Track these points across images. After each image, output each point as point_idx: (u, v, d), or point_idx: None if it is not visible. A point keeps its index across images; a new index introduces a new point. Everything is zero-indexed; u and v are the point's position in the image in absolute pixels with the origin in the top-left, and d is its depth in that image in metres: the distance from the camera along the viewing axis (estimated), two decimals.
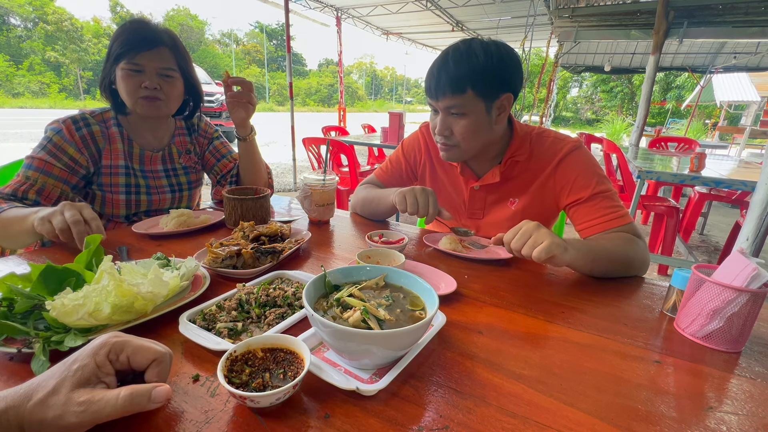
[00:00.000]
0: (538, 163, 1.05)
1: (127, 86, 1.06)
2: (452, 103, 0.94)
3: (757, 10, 4.85)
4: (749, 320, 0.60)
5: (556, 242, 0.75)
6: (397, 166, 1.27)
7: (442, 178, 1.20)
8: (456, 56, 0.91)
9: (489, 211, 1.14)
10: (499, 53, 0.91)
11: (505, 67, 0.91)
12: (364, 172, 3.78)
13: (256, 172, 1.29)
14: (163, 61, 1.08)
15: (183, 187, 1.28)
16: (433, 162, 1.21)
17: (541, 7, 6.55)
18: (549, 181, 1.04)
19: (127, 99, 1.08)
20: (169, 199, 1.25)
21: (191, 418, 0.43)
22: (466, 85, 0.91)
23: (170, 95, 1.12)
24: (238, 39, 50.41)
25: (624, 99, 25.82)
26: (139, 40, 1.04)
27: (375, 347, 0.47)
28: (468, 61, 0.90)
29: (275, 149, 8.91)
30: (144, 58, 1.05)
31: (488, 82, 0.91)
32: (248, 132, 1.23)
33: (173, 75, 1.12)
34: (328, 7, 8.25)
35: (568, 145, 1.02)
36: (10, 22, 26.58)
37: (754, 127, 10.16)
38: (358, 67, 64.93)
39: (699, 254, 3.43)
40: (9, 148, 6.82)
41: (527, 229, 0.78)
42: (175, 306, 0.63)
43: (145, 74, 1.07)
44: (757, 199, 1.73)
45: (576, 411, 0.47)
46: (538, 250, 0.74)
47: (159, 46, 1.07)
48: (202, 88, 1.26)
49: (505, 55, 0.91)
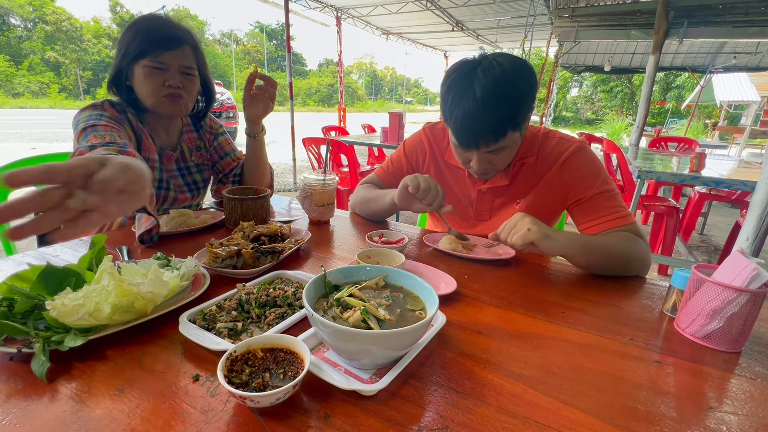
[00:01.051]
0: (544, 162, 1.05)
1: (151, 84, 1.05)
2: (492, 148, 0.92)
3: (757, 10, 4.85)
4: (749, 320, 0.60)
5: (536, 229, 0.79)
6: (398, 166, 1.25)
7: (448, 180, 1.18)
8: (488, 103, 0.84)
9: (496, 213, 1.14)
10: (522, 77, 0.86)
11: (531, 90, 0.88)
12: (364, 172, 3.78)
13: (260, 171, 1.28)
14: (186, 60, 1.08)
15: (199, 185, 1.28)
16: (438, 163, 1.19)
17: (541, 7, 6.54)
18: (554, 180, 1.04)
19: (149, 97, 1.06)
20: (189, 198, 1.25)
21: (191, 418, 0.43)
22: (506, 129, 0.88)
23: (191, 93, 1.12)
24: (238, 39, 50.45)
25: (624, 99, 25.83)
26: (163, 38, 1.03)
27: (375, 347, 0.47)
28: (501, 104, 0.85)
29: (275, 149, 8.91)
30: (168, 57, 1.04)
31: (522, 113, 0.88)
32: (259, 130, 1.21)
33: (194, 74, 1.12)
34: (328, 7, 8.24)
35: (574, 145, 1.03)
36: (10, 22, 26.57)
37: (754, 127, 10.17)
38: (358, 67, 64.93)
39: (699, 254, 3.43)
40: (9, 148, 6.82)
41: (514, 219, 0.83)
42: (175, 306, 0.62)
43: (168, 72, 1.06)
44: (757, 199, 1.73)
45: (576, 411, 0.47)
46: (517, 236, 0.79)
47: (183, 45, 1.06)
48: (215, 87, 1.26)
49: (527, 76, 0.87)
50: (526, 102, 0.88)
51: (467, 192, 1.16)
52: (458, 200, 1.17)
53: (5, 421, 0.42)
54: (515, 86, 0.86)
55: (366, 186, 1.27)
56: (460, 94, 0.87)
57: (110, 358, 0.53)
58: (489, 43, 12.13)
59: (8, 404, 0.44)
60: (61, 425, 0.42)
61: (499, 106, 0.85)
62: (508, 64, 0.87)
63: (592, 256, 0.85)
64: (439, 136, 1.19)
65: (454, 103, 0.88)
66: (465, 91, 0.87)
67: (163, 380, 0.49)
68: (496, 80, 0.85)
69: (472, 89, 0.85)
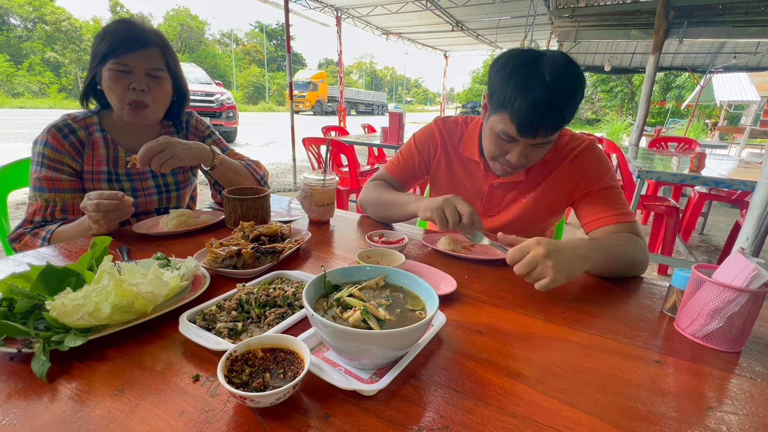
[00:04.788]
0: (555, 158, 1.06)
1: (116, 89, 1.04)
2: (545, 140, 0.90)
3: (757, 10, 4.85)
4: (749, 320, 0.60)
5: (559, 277, 0.71)
6: (410, 159, 1.22)
7: (459, 173, 1.16)
8: (558, 93, 0.84)
9: (505, 208, 1.13)
10: (580, 73, 0.86)
11: (584, 87, 0.87)
12: (364, 172, 3.78)
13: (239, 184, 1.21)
14: (152, 62, 1.06)
15: (170, 188, 1.25)
16: (450, 156, 1.17)
17: (541, 7, 6.55)
18: (563, 175, 1.05)
19: (115, 103, 1.06)
20: (156, 201, 1.22)
21: (191, 418, 0.43)
22: (564, 121, 0.88)
23: (158, 98, 1.10)
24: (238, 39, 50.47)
25: (624, 99, 25.82)
26: (127, 39, 1.02)
27: (375, 347, 0.47)
28: (569, 96, 0.85)
29: (275, 149, 8.91)
30: (133, 58, 1.03)
31: (576, 109, 0.88)
32: (211, 160, 1.13)
33: (162, 75, 1.09)
34: (328, 7, 8.25)
35: (585, 142, 1.05)
36: (9, 22, 26.58)
37: (754, 127, 10.18)
38: (358, 67, 64.94)
39: (699, 254, 3.43)
40: (9, 148, 6.82)
41: (533, 257, 0.72)
42: (175, 306, 0.62)
43: (133, 75, 1.04)
44: (757, 199, 1.73)
45: (576, 411, 0.47)
46: (540, 285, 0.72)
47: (148, 46, 1.05)
48: (188, 87, 1.23)
49: (581, 73, 0.87)
50: (582, 97, 0.88)
51: (479, 186, 1.14)
52: (468, 194, 1.16)
53: (5, 421, 0.42)
54: (579, 79, 0.86)
55: (377, 184, 1.22)
56: (526, 81, 0.84)
57: (110, 358, 0.53)
58: (489, 43, 12.13)
59: (8, 404, 0.44)
60: (61, 425, 0.42)
61: (568, 97, 0.85)
62: (564, 58, 0.86)
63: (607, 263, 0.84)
64: (452, 128, 1.17)
65: (519, 90, 0.85)
66: (534, 79, 0.84)
67: (163, 380, 0.49)
68: (564, 70, 0.84)
69: (542, 77, 0.83)
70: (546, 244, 0.73)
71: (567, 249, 0.75)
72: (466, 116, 1.18)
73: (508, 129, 0.90)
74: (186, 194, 1.33)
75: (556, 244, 0.74)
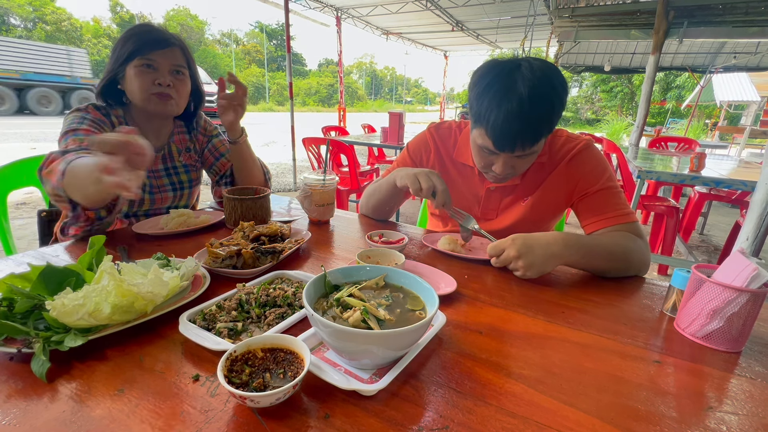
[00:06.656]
0: (552, 160, 1.06)
1: (141, 82, 1.08)
2: (526, 152, 0.90)
3: (757, 10, 4.84)
4: (749, 320, 0.60)
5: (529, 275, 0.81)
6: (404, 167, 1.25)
7: (455, 178, 1.17)
8: (533, 105, 0.82)
9: (502, 212, 1.13)
10: (559, 81, 0.85)
11: (566, 95, 0.87)
12: (364, 172, 3.78)
13: (250, 173, 1.27)
14: (175, 59, 1.11)
15: (184, 186, 1.29)
16: (444, 162, 1.18)
17: (541, 7, 6.55)
18: (560, 177, 1.05)
19: (139, 95, 1.09)
20: (171, 198, 1.26)
21: (191, 418, 0.43)
22: (543, 132, 0.88)
23: (181, 93, 1.15)
24: (238, 39, 50.47)
25: (624, 99, 25.81)
26: (152, 39, 1.08)
27: (375, 347, 0.47)
28: (545, 107, 0.84)
29: (275, 149, 8.90)
30: (158, 56, 1.08)
31: (557, 118, 0.88)
32: (239, 135, 1.21)
33: (185, 72, 1.15)
34: (328, 7, 8.25)
35: (581, 143, 1.04)
36: (10, 22, 26.56)
37: (754, 127, 10.17)
38: (358, 67, 64.94)
39: (699, 254, 3.43)
40: (9, 148, 6.81)
41: (506, 258, 0.82)
42: (175, 306, 0.63)
43: (158, 71, 1.09)
44: (757, 199, 1.73)
45: (576, 411, 0.47)
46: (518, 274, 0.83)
47: (171, 46, 1.11)
48: (204, 89, 1.28)
49: (563, 80, 0.86)
50: (562, 107, 0.87)
51: (475, 190, 1.15)
52: (465, 198, 1.17)
53: (5, 421, 0.42)
54: (555, 90, 0.85)
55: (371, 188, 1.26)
56: (501, 94, 0.84)
57: (110, 358, 0.53)
58: (489, 43, 12.14)
59: (8, 404, 0.44)
60: (61, 425, 0.42)
61: (543, 109, 0.84)
62: (545, 67, 0.85)
63: (591, 258, 0.85)
64: (445, 135, 1.18)
65: (493, 104, 0.84)
66: (508, 92, 0.83)
67: (163, 380, 0.49)
68: (540, 82, 0.83)
69: (516, 90, 0.82)
70: (519, 245, 0.81)
71: (539, 247, 0.81)
72: (459, 122, 1.19)
73: (486, 144, 0.91)
74: (195, 192, 1.38)
75: (529, 244, 0.81)
